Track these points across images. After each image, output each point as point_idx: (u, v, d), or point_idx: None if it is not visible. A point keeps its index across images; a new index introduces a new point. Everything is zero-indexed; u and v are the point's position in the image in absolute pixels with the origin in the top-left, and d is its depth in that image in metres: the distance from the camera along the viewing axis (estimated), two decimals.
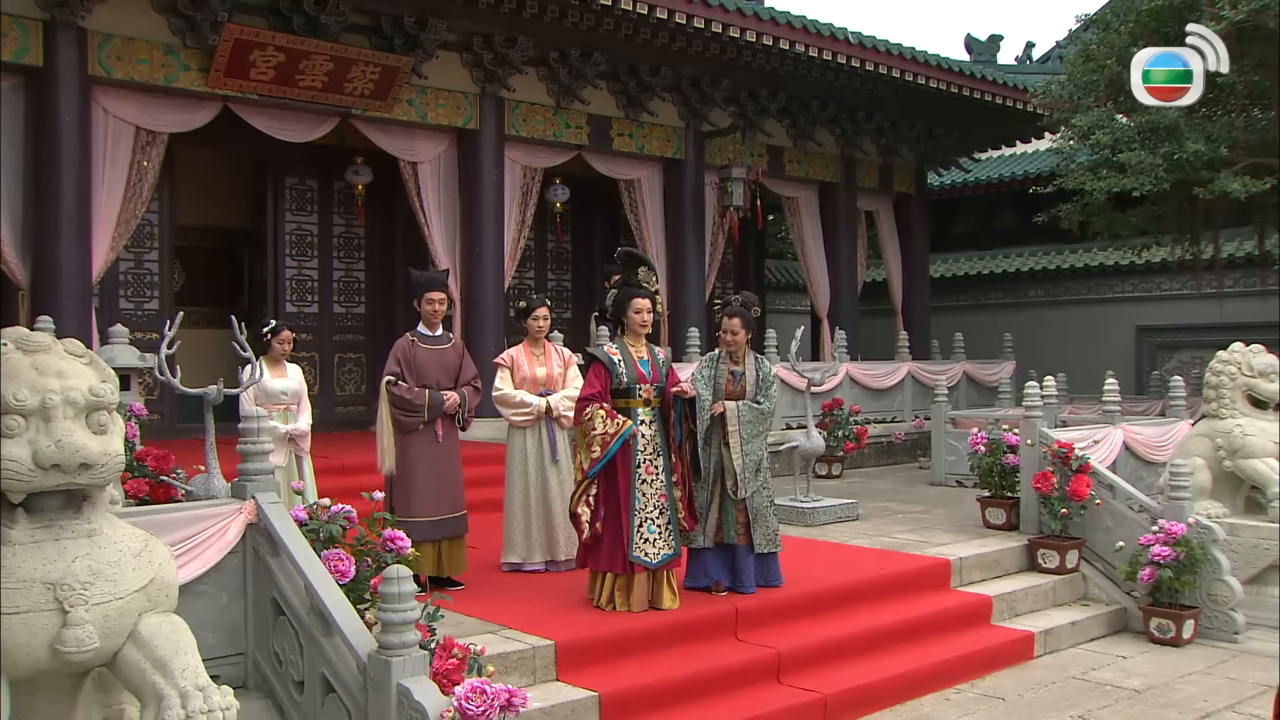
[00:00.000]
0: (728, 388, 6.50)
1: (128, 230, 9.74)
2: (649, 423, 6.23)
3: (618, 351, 6.27)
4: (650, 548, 6.07)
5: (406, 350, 6.68)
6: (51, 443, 3.04)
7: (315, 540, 4.84)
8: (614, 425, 6.03)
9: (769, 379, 6.55)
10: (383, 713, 3.96)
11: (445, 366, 6.72)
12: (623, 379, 6.20)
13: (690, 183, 13.40)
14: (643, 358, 6.29)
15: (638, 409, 6.21)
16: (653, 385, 6.26)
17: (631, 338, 6.32)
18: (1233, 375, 8.61)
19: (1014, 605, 7.73)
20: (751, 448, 6.40)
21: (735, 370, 6.53)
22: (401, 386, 6.55)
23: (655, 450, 6.21)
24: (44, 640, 2.99)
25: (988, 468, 8.99)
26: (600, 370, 6.24)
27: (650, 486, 6.16)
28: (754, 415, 6.43)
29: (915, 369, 14.45)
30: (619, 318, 6.36)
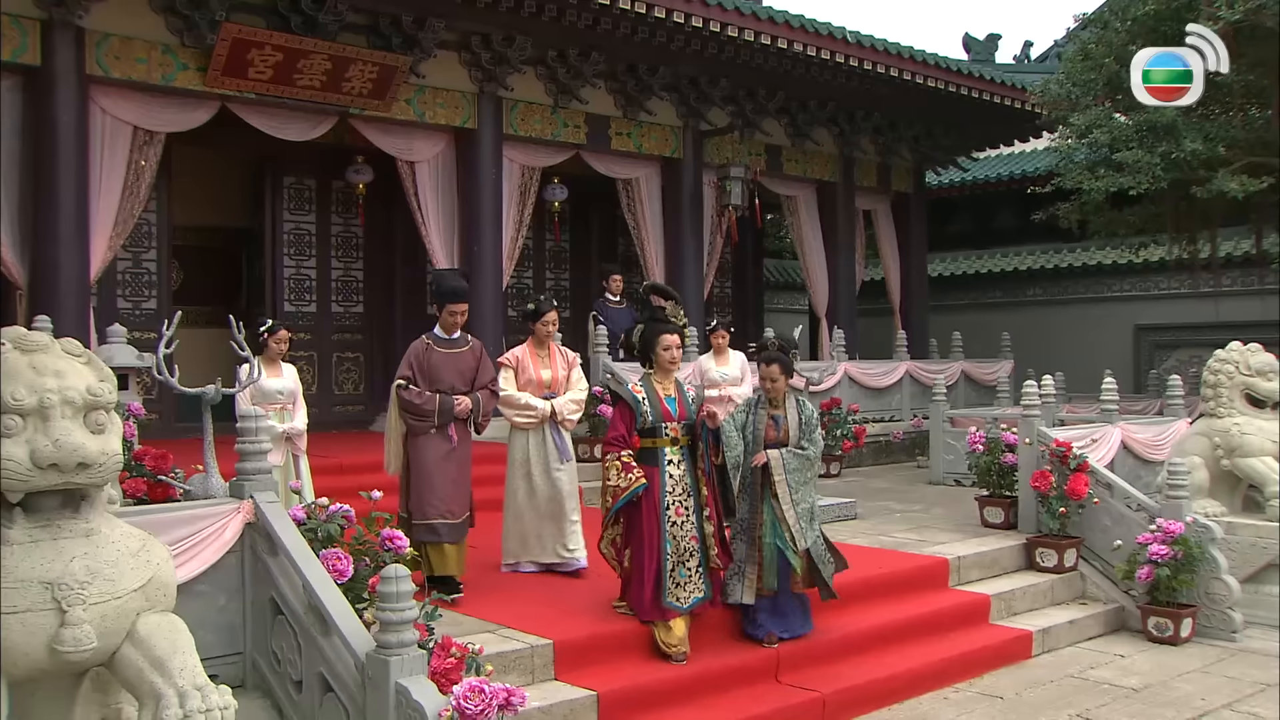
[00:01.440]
0: (768, 434, 6.21)
1: (125, 229, 9.72)
2: (677, 462, 6.01)
3: (642, 389, 6.04)
4: (682, 592, 5.86)
5: (420, 353, 6.56)
6: (49, 442, 3.04)
7: (313, 540, 4.85)
8: (625, 480, 5.81)
9: (812, 421, 6.28)
10: (381, 712, 3.96)
11: (461, 370, 6.58)
12: (648, 418, 5.98)
13: (688, 182, 13.38)
14: (670, 395, 6.06)
15: (664, 448, 5.99)
16: (680, 423, 6.02)
17: (660, 374, 6.10)
18: (1230, 374, 8.62)
19: (1012, 604, 7.74)
20: (802, 495, 6.10)
21: (776, 415, 6.26)
22: (411, 391, 6.44)
23: (685, 490, 6.00)
24: (42, 640, 2.99)
25: (986, 467, 9.00)
26: (624, 410, 6.06)
27: (680, 529, 5.92)
28: (800, 462, 6.13)
29: (913, 368, 14.46)
30: (646, 354, 6.14)
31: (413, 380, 6.48)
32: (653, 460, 5.95)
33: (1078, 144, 11.62)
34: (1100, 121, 11.15)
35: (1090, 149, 11.65)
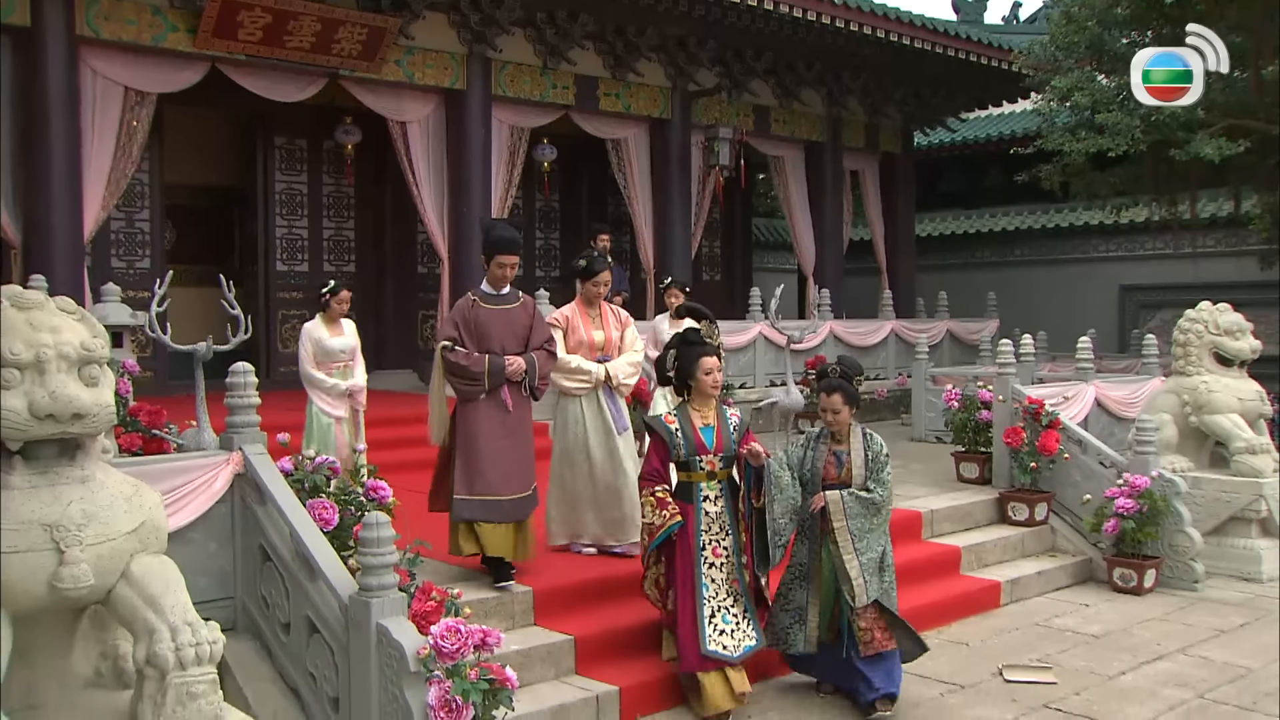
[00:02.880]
0: (828, 472, 5.53)
1: (118, 189, 9.86)
2: (714, 498, 5.50)
3: (675, 420, 5.50)
4: (728, 639, 5.33)
5: (466, 311, 5.92)
6: (46, 394, 3.22)
7: (300, 490, 5.06)
8: (660, 518, 5.35)
9: (881, 458, 5.53)
10: (363, 651, 4.19)
11: (513, 329, 5.95)
12: (680, 450, 5.47)
13: (677, 142, 13.49)
14: (707, 424, 5.51)
15: (700, 483, 5.48)
16: (717, 456, 5.48)
17: (700, 400, 5.53)
18: (1199, 333, 8.82)
19: (983, 556, 7.99)
20: (867, 544, 5.41)
21: (839, 451, 5.55)
22: (459, 352, 5.80)
23: (724, 529, 5.48)
24: (42, 578, 3.20)
25: (961, 423, 9.23)
26: (659, 443, 5.53)
27: (720, 570, 5.43)
28: (863, 507, 5.43)
29: (898, 327, 14.65)
30: (685, 380, 5.57)
31: (459, 341, 5.85)
32: (687, 496, 5.47)
33: (1060, 106, 11.74)
34: (1082, 84, 11.27)
35: (1072, 111, 11.78)
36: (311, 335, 7.26)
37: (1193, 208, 13.44)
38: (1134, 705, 5.66)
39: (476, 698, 3.94)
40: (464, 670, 3.95)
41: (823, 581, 5.56)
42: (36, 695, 3.41)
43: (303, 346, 7.25)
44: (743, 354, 12.60)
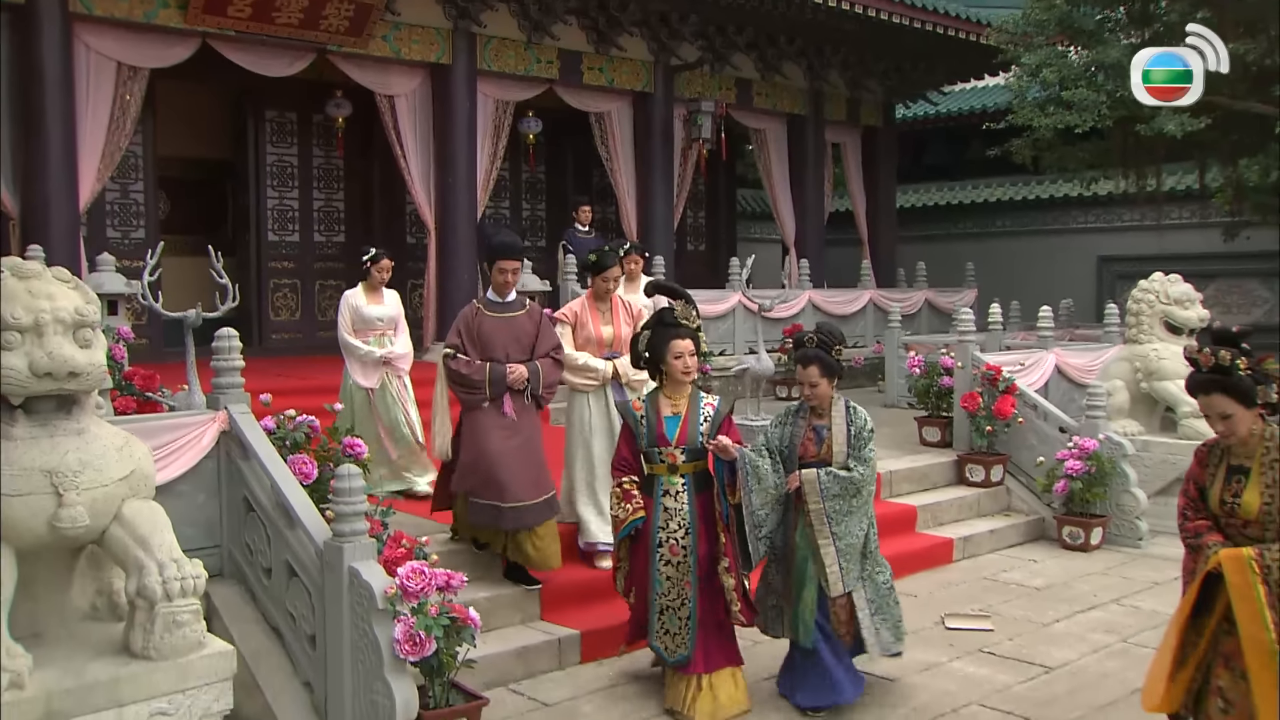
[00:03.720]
0: (807, 449, 5.11)
1: (112, 162, 10.18)
2: (675, 494, 5.17)
3: (644, 406, 5.24)
4: (670, 640, 5.15)
5: (469, 319, 5.94)
6: (44, 354, 3.59)
7: (282, 446, 5.43)
8: (624, 511, 5.14)
9: (864, 435, 5.10)
10: (337, 592, 4.57)
11: (516, 338, 5.93)
12: (642, 440, 5.22)
13: (659, 116, 13.80)
14: (675, 414, 5.18)
15: (660, 476, 5.19)
16: (679, 449, 5.14)
17: (671, 386, 5.20)
18: (1151, 303, 9.19)
19: (938, 515, 8.40)
20: (846, 528, 4.99)
21: (819, 425, 5.12)
22: (460, 360, 5.82)
23: (684, 526, 5.14)
24: (43, 518, 3.57)
25: (924, 389, 9.62)
26: (627, 430, 5.32)
27: (675, 569, 5.14)
28: (842, 486, 4.97)
29: (877, 296, 15.01)
30: (656, 364, 5.23)
31: (461, 349, 5.86)
32: (649, 489, 5.21)
33: (1030, 82, 12.04)
34: (1051, 61, 11.57)
35: (1042, 87, 12.07)
36: (350, 302, 7.32)
37: (1158, 181, 13.77)
38: (1061, 648, 6.07)
39: (438, 633, 4.33)
40: (427, 608, 4.34)
41: (795, 570, 5.12)
42: (39, 625, 3.80)
43: (341, 313, 7.32)
44: (722, 322, 12.96)
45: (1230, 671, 3.69)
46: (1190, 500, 3.94)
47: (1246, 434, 3.72)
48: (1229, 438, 3.75)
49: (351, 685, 4.53)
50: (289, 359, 12.27)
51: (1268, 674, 3.53)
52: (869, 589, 5.15)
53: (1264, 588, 3.55)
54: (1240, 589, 3.59)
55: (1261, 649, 3.55)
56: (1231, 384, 3.68)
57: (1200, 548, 3.79)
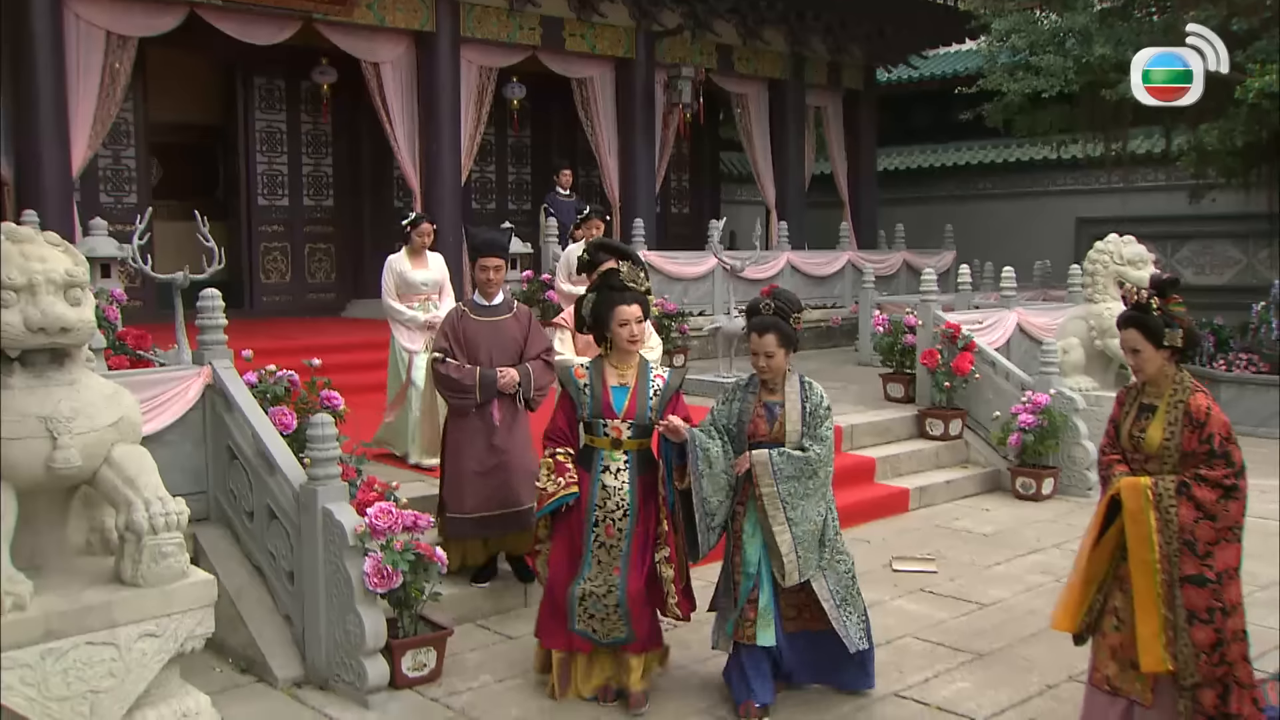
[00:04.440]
0: (757, 427, 4.68)
1: (104, 129, 10.46)
2: (616, 471, 4.77)
3: (587, 373, 4.87)
4: (597, 624, 4.76)
5: (455, 322, 5.82)
6: (38, 312, 3.93)
7: (263, 399, 5.81)
8: (554, 484, 4.72)
9: (821, 413, 4.68)
10: (312, 531, 4.97)
11: (502, 341, 5.76)
12: (585, 410, 4.83)
13: (641, 81, 14.05)
14: (622, 384, 4.81)
15: (601, 450, 4.79)
16: (625, 423, 4.77)
17: (618, 355, 4.85)
18: (1105, 264, 9.55)
19: (897, 466, 8.79)
20: (803, 513, 4.57)
21: (771, 402, 4.70)
22: (449, 364, 5.66)
23: (622, 508, 4.74)
24: (40, 460, 3.93)
25: (888, 346, 9.98)
26: (565, 398, 4.92)
27: (607, 553, 4.74)
28: (798, 467, 4.56)
29: (855, 257, 15.34)
30: (601, 332, 4.88)
31: (450, 353, 5.71)
32: (587, 463, 4.83)
33: (1000, 47, 12.30)
34: (1020, 26, 11.84)
35: (1011, 52, 12.34)
36: (394, 267, 7.28)
37: (1124, 144, 14.07)
38: (997, 588, 6.48)
39: (405, 566, 4.73)
40: (394, 544, 4.74)
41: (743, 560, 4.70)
42: (39, 558, 4.17)
43: (385, 278, 7.29)
44: (702, 283, 13.29)
45: (1124, 593, 4.06)
46: (1109, 439, 4.31)
47: (1155, 373, 4.07)
48: (1138, 373, 4.11)
49: (326, 617, 4.95)
50: (280, 320, 12.64)
51: (1148, 590, 3.92)
52: (830, 579, 4.71)
53: (1155, 513, 3.92)
54: (1134, 514, 3.97)
55: (1146, 568, 3.94)
56: (1144, 321, 4.05)
57: (1108, 478, 4.17)
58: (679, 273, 12.99)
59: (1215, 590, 3.92)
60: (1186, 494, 3.91)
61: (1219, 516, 3.90)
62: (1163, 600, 3.92)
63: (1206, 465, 3.92)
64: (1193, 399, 4.00)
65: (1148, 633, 3.93)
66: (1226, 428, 3.97)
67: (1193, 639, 3.89)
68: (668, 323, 11.79)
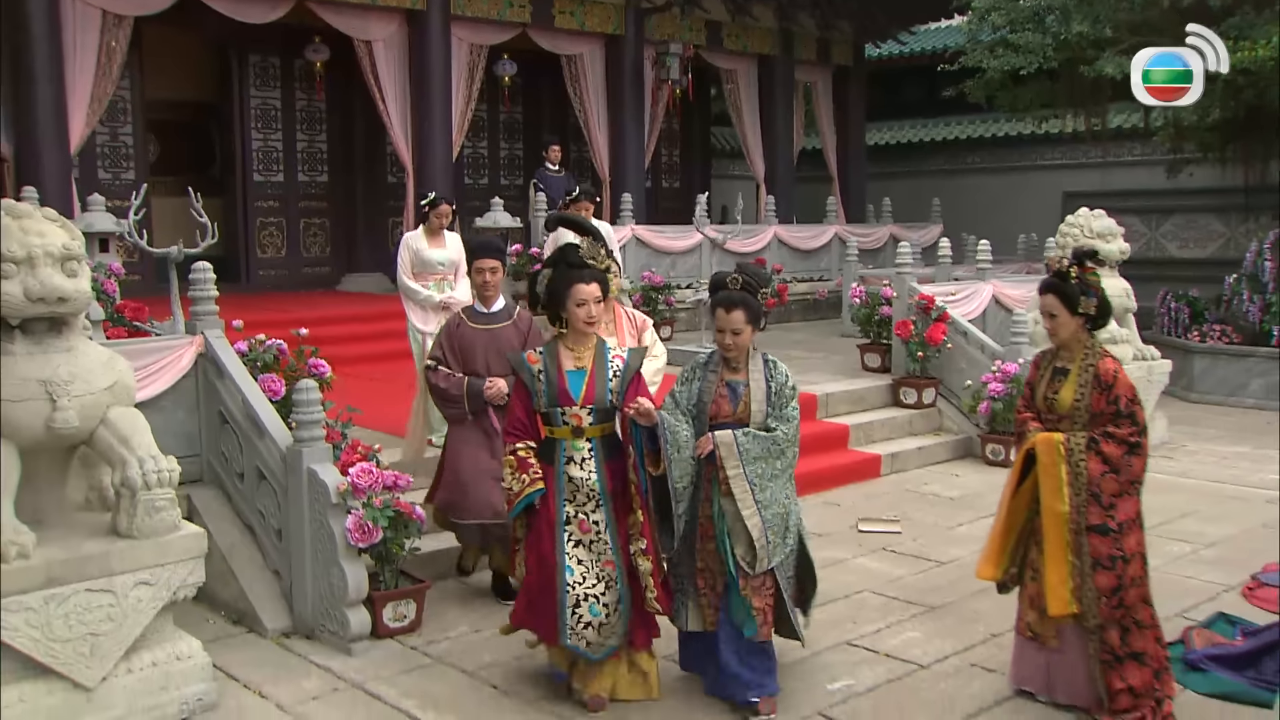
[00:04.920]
0: (720, 408, 4.44)
1: (101, 107, 10.70)
2: (580, 461, 4.46)
3: (540, 359, 4.51)
4: (591, 633, 4.42)
5: (451, 330, 5.72)
6: (37, 283, 4.21)
7: (254, 367, 6.10)
8: (519, 482, 4.42)
9: (786, 392, 4.47)
10: (298, 490, 5.28)
11: (499, 349, 5.53)
12: (540, 399, 4.49)
13: (630, 58, 14.26)
14: (579, 368, 4.48)
15: (563, 440, 4.47)
16: (585, 409, 4.45)
17: (574, 337, 4.51)
18: (1076, 236, 9.77)
19: (871, 433, 9.09)
20: (771, 495, 4.37)
21: (734, 381, 4.45)
22: (440, 374, 5.58)
23: (593, 499, 4.45)
24: (40, 421, 4.22)
25: (865, 318, 10.27)
26: (520, 387, 4.60)
27: (588, 550, 4.45)
28: (764, 448, 4.35)
29: (842, 231, 15.60)
30: (556, 311, 4.53)
31: (444, 361, 5.63)
32: (549, 456, 4.51)
33: (981, 24, 12.51)
34: (999, 4, 12.04)
35: (992, 29, 12.55)
36: (410, 245, 7.26)
37: (1104, 120, 14.29)
38: (957, 548, 6.78)
39: (384, 522, 5.04)
40: (374, 501, 5.04)
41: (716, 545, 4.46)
42: (41, 513, 4.46)
43: (400, 256, 7.26)
44: (690, 256, 13.54)
45: (1038, 547, 4.39)
46: (1025, 400, 4.64)
47: (1069, 338, 4.39)
48: (1053, 337, 4.43)
49: (312, 571, 5.26)
50: (275, 294, 12.91)
51: (1058, 539, 4.24)
52: (784, 570, 4.52)
53: (1066, 466, 4.25)
54: (1047, 467, 4.30)
55: (1057, 518, 4.26)
56: (1061, 288, 4.37)
57: (1024, 435, 4.48)
58: (666, 246, 13.25)
59: (1117, 539, 4.24)
60: (1095, 449, 4.21)
61: (1123, 470, 4.21)
62: (1070, 548, 4.24)
63: (1114, 424, 4.23)
64: (1102, 363, 4.30)
65: (1056, 579, 4.24)
66: (1132, 390, 4.27)
67: (1096, 584, 4.21)
68: (654, 295, 12.08)
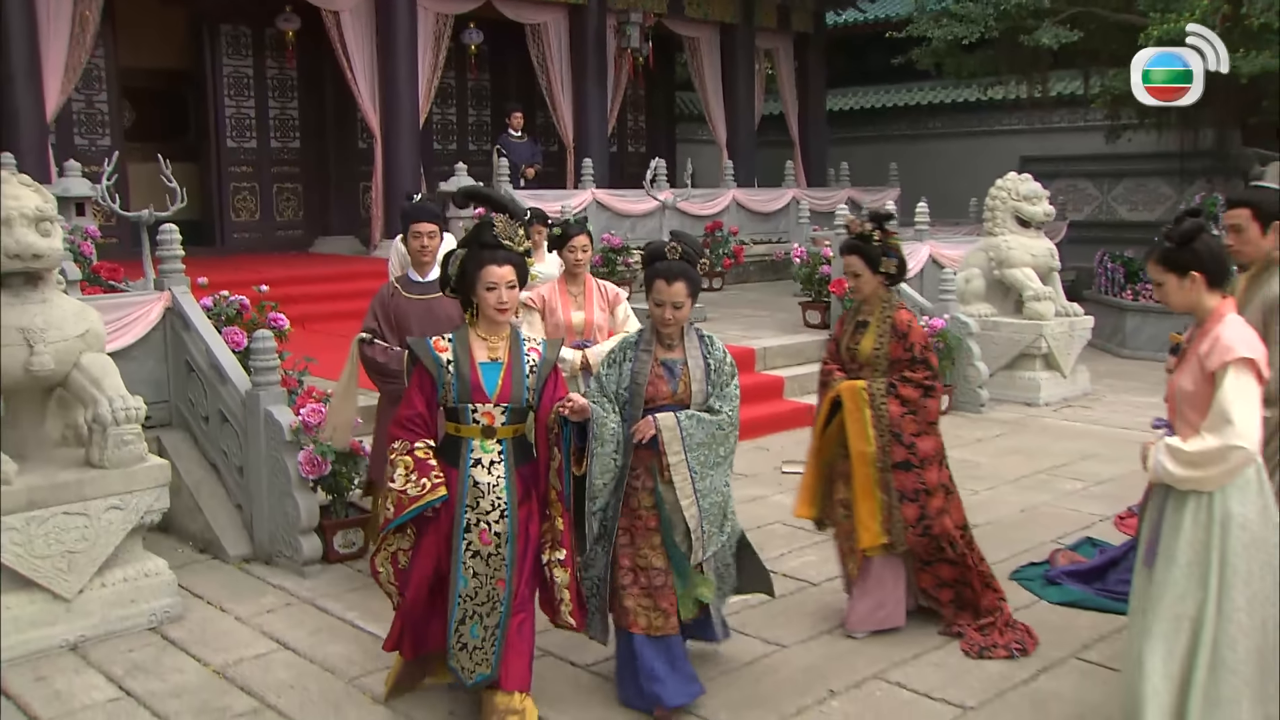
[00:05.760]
0: (657, 389, 4.11)
1: (75, 75, 11.12)
2: (488, 465, 3.96)
3: (450, 347, 4.00)
4: (467, 658, 3.98)
5: (386, 300, 5.41)
6: (13, 241, 4.73)
7: (218, 321, 6.64)
8: (417, 487, 3.87)
9: (725, 368, 4.19)
10: (256, 430, 5.83)
11: (436, 320, 5.22)
12: (449, 392, 3.96)
13: (593, 26, 14.72)
14: (493, 359, 4.00)
15: (471, 440, 3.96)
16: (499, 407, 3.96)
17: (486, 325, 4.02)
18: (1004, 200, 10.34)
19: (805, 385, 9.59)
20: (712, 484, 4.09)
21: (670, 360, 4.14)
22: (376, 347, 5.29)
23: (499, 508, 3.95)
24: (20, 364, 4.76)
25: (806, 276, 10.83)
26: (423, 375, 4.03)
27: (485, 563, 3.94)
28: (709, 432, 4.07)
29: (800, 194, 16.10)
30: (467, 296, 4.04)
31: (379, 334, 5.34)
32: (452, 457, 4.00)
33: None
34: None
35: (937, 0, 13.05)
36: (399, 249, 6.90)
37: (1044, 87, 14.84)
38: None
39: (333, 456, 5.60)
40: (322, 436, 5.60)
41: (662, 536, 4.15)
42: (23, 448, 5.01)
43: (390, 260, 7.33)
44: (648, 219, 14.05)
45: (847, 485, 4.83)
46: (830, 352, 5.02)
47: (870, 294, 4.79)
48: (857, 294, 4.86)
49: (269, 503, 5.83)
50: (249, 256, 13.39)
51: (866, 478, 4.71)
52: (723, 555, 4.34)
53: (870, 411, 4.71)
54: (852, 412, 4.74)
55: (864, 459, 4.72)
56: (864, 249, 4.75)
57: (828, 384, 4.93)
58: (626, 209, 13.76)
59: (919, 474, 4.72)
60: (894, 393, 4.69)
61: (920, 411, 4.70)
62: (878, 485, 4.70)
63: (910, 369, 4.72)
64: (897, 314, 4.75)
65: (866, 514, 4.72)
66: (925, 337, 4.77)
67: (903, 515, 4.71)
68: (613, 256, 12.61)
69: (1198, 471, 3.35)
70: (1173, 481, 3.42)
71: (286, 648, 4.85)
